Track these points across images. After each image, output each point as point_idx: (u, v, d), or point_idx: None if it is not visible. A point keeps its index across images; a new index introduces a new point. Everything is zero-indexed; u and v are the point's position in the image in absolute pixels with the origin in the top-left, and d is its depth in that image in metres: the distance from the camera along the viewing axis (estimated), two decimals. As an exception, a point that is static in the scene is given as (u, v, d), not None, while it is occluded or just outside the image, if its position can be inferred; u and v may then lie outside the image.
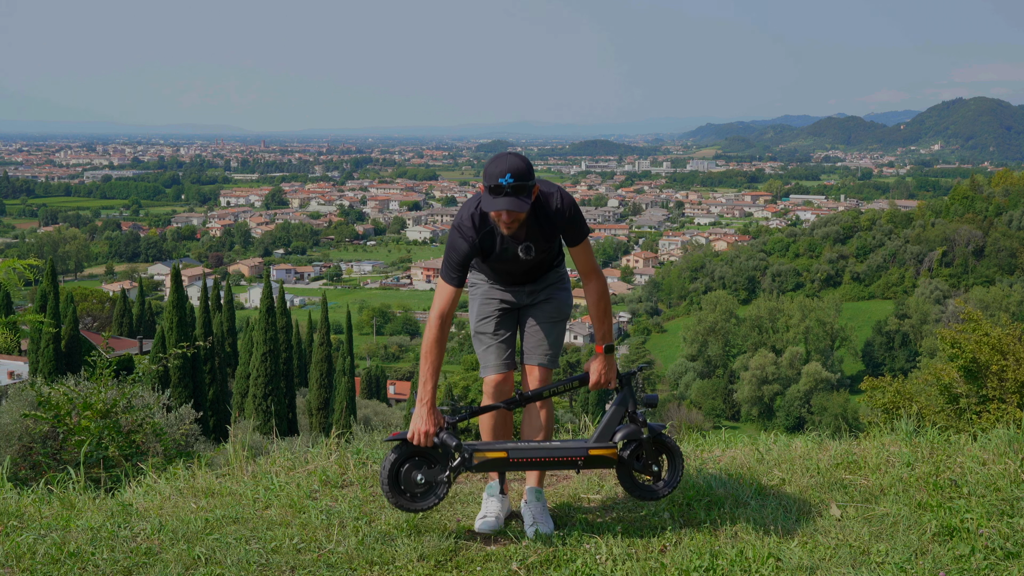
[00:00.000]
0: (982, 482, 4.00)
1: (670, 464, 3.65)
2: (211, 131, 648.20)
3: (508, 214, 3.32)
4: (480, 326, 3.70)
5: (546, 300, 3.71)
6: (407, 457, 3.45)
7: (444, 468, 3.43)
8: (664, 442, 3.63)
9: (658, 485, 3.63)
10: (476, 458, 3.43)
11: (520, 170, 3.27)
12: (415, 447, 3.43)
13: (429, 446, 3.41)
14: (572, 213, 3.47)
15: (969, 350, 7.53)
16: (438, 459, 3.45)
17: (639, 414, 3.56)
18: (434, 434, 3.39)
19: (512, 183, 3.25)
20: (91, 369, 5.59)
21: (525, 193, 3.30)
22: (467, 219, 3.43)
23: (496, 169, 3.28)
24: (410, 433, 3.40)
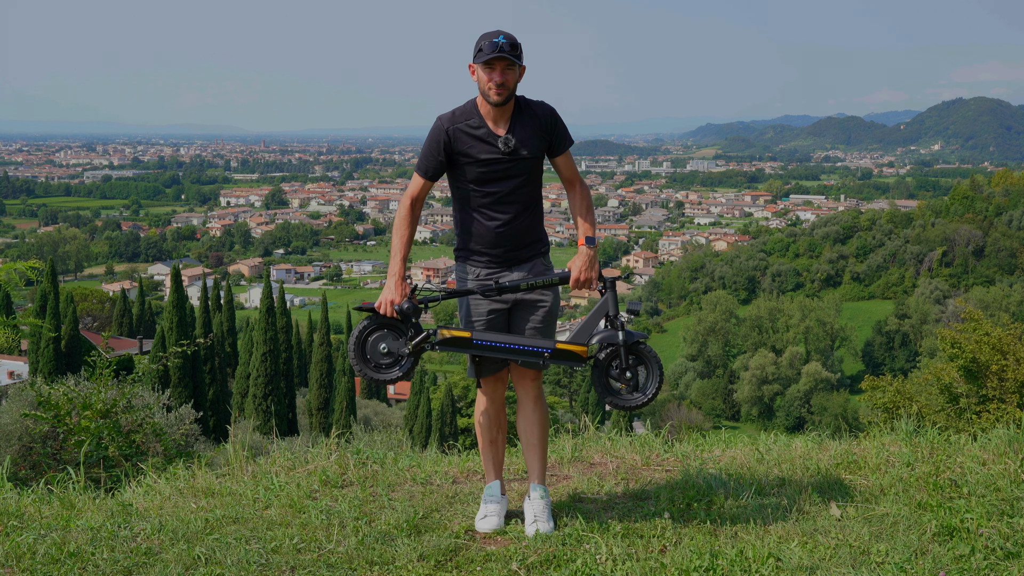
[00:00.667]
0: (982, 482, 4.00)
1: (648, 374, 3.55)
2: (211, 131, 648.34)
3: (502, 74, 3.39)
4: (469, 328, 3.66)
5: (538, 303, 3.63)
6: (376, 327, 3.48)
7: (408, 341, 3.47)
8: (642, 351, 3.54)
9: (634, 395, 3.55)
10: (440, 335, 3.45)
11: (512, 37, 3.40)
12: (384, 319, 3.47)
13: (393, 316, 3.47)
14: (554, 115, 3.55)
15: (969, 350, 7.54)
16: (404, 333, 3.49)
17: (619, 319, 3.50)
18: (398, 304, 3.47)
19: (506, 43, 3.37)
20: (91, 369, 5.59)
21: (517, 55, 3.39)
22: (447, 114, 3.53)
23: (490, 35, 3.40)
24: (378, 302, 3.50)
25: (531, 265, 3.64)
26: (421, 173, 3.60)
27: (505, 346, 3.45)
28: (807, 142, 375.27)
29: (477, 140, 3.49)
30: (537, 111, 3.54)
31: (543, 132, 3.53)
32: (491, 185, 3.53)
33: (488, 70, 3.40)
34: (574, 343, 3.47)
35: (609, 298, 3.52)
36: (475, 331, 3.48)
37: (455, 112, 3.54)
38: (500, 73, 3.39)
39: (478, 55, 3.40)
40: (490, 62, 3.38)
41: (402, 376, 3.51)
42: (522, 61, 3.43)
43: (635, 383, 3.54)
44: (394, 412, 33.87)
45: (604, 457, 4.66)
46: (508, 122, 3.50)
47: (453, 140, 3.50)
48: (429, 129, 3.59)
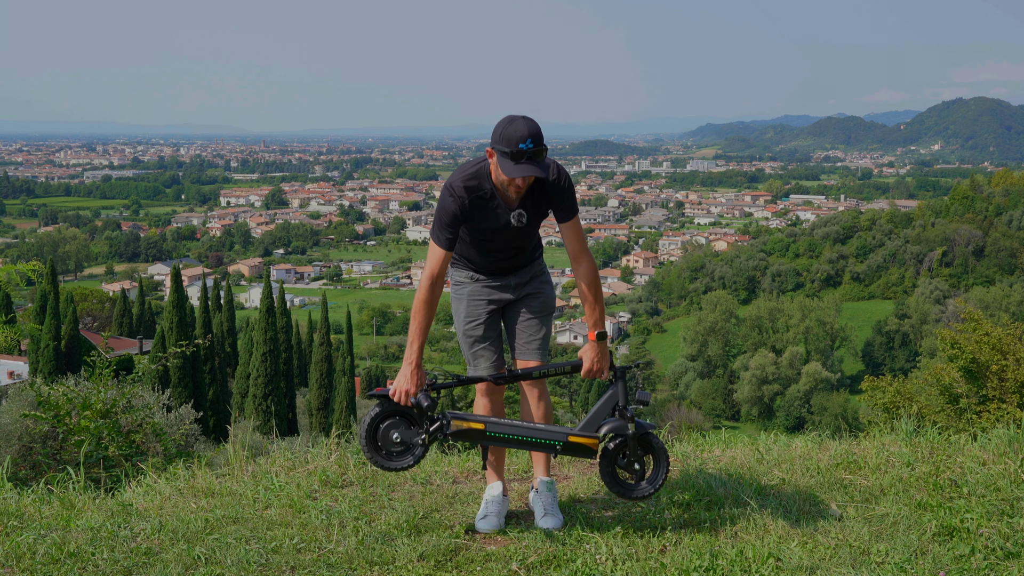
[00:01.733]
0: (982, 482, 4.00)
1: (655, 465, 3.56)
2: (211, 131, 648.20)
3: (525, 179, 3.33)
4: (469, 328, 3.67)
5: (532, 295, 3.70)
6: (388, 415, 3.44)
7: (421, 431, 3.42)
8: (651, 442, 3.55)
9: (640, 485, 3.54)
10: (454, 425, 3.42)
11: (538, 135, 3.27)
12: (396, 405, 3.43)
13: (409, 405, 3.41)
14: (566, 184, 3.46)
15: (969, 350, 7.54)
16: (418, 421, 3.45)
17: (629, 410, 3.51)
18: (415, 394, 3.39)
19: (532, 148, 3.25)
20: (91, 369, 5.59)
21: (542, 157, 3.31)
22: (460, 181, 3.41)
23: (516, 134, 3.25)
24: (392, 390, 3.40)
25: (528, 270, 3.70)
26: (441, 245, 3.41)
27: (518, 437, 3.45)
28: (807, 142, 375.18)
29: (490, 211, 3.45)
30: (547, 184, 3.44)
31: (552, 202, 3.48)
32: (494, 241, 3.55)
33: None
34: (585, 435, 3.46)
35: (619, 388, 3.52)
36: (488, 423, 3.44)
37: (466, 183, 3.41)
38: (523, 179, 3.33)
39: (502, 155, 3.28)
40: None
41: (414, 465, 3.46)
42: (546, 155, 3.33)
43: (642, 474, 3.54)
44: (394, 412, 33.85)
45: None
46: (520, 195, 3.45)
47: (466, 212, 3.42)
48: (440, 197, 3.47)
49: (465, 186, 3.40)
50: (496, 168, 3.35)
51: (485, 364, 3.67)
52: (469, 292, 3.69)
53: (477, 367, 3.68)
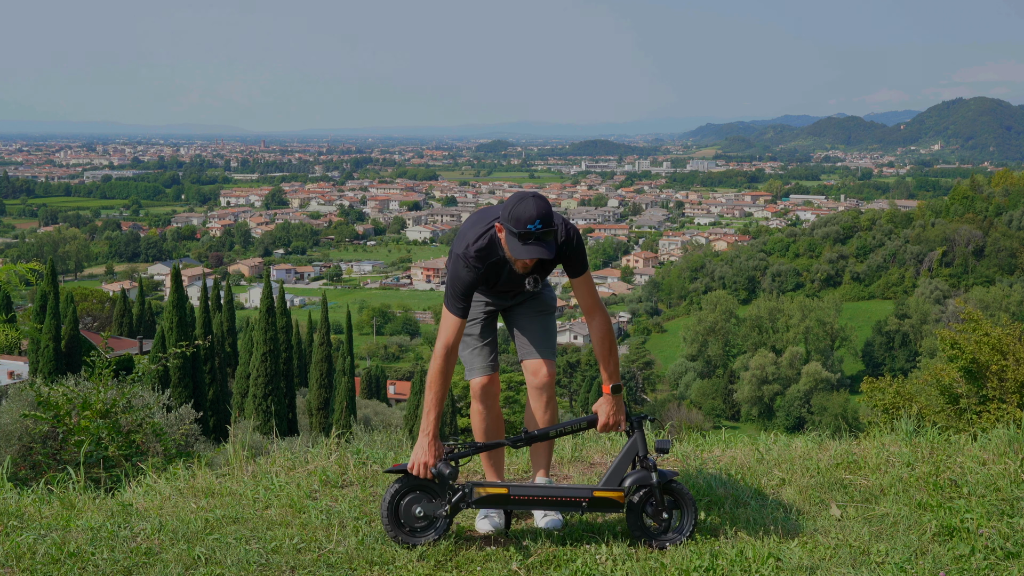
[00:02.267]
0: (982, 482, 4.00)
1: (682, 513, 3.51)
2: (211, 131, 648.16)
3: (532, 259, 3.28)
4: (467, 328, 3.67)
5: (533, 296, 3.71)
6: (408, 490, 3.41)
7: (444, 503, 3.39)
8: (676, 490, 3.50)
9: (668, 535, 3.47)
10: (476, 493, 3.39)
11: (548, 215, 3.23)
12: (416, 480, 3.40)
13: (428, 478, 3.37)
14: (576, 244, 3.44)
15: (969, 351, 7.54)
16: (439, 493, 3.40)
17: (650, 459, 3.48)
18: (433, 465, 3.36)
19: (541, 229, 3.22)
20: (91, 369, 5.59)
21: (552, 237, 3.28)
22: (473, 250, 3.37)
23: (524, 214, 3.22)
24: (411, 464, 3.38)
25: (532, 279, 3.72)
26: (456, 314, 3.38)
27: (543, 498, 3.42)
28: (807, 142, 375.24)
29: (502, 274, 3.48)
30: (558, 247, 3.39)
31: (561, 257, 3.45)
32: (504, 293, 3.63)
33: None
34: (610, 489, 3.44)
35: (637, 438, 3.50)
36: (511, 486, 3.42)
37: (479, 253, 3.37)
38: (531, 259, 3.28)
39: (510, 235, 3.26)
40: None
41: (438, 538, 3.41)
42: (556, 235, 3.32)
43: (669, 522, 3.50)
44: (394, 412, 33.87)
45: (604, 457, 4.66)
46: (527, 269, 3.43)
47: (483, 277, 3.43)
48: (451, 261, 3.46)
49: (478, 255, 3.37)
50: (505, 246, 3.34)
51: (481, 363, 3.66)
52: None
53: (473, 368, 3.66)
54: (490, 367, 3.66)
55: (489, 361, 3.67)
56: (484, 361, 3.66)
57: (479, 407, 3.67)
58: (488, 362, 3.66)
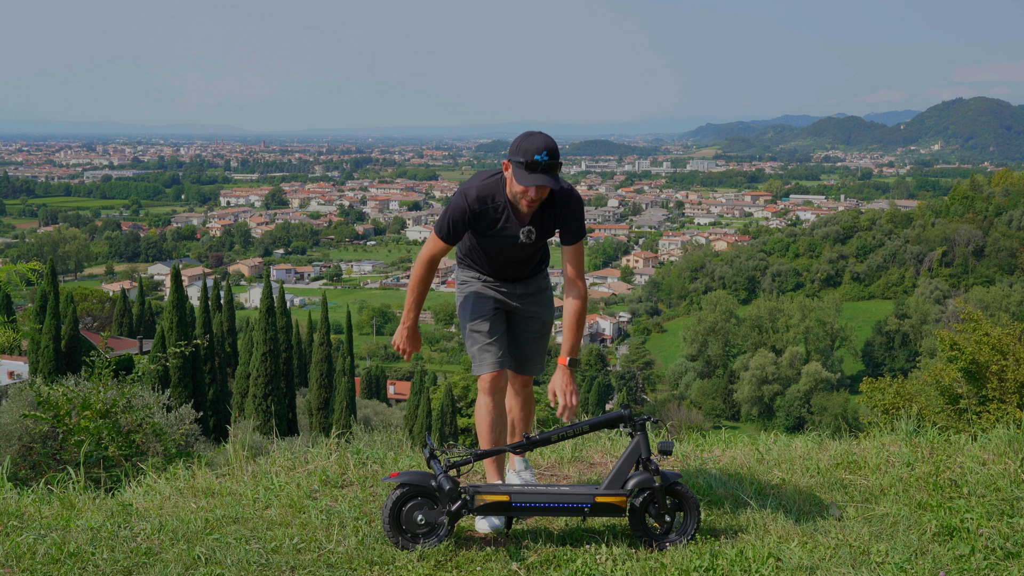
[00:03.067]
0: (982, 482, 4.00)
1: (685, 515, 3.51)
2: (211, 131, 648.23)
3: (537, 191, 3.38)
4: (475, 325, 3.70)
5: (533, 317, 3.80)
6: (409, 497, 3.43)
7: (445, 510, 3.40)
8: (679, 491, 3.51)
9: (670, 536, 3.48)
10: (477, 500, 3.41)
11: (554, 150, 3.35)
12: (417, 488, 3.42)
13: (409, 360, 3.59)
14: (577, 207, 3.54)
15: (969, 351, 7.53)
16: (440, 500, 3.42)
17: (652, 462, 3.48)
18: (411, 353, 3.68)
19: (547, 160, 3.32)
20: (91, 369, 5.59)
21: (556, 171, 3.38)
22: (474, 189, 3.50)
23: (532, 145, 3.34)
24: (393, 342, 3.71)
25: (535, 281, 3.80)
26: (441, 237, 3.55)
27: (544, 505, 3.43)
28: (807, 142, 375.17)
29: (498, 223, 3.53)
30: (560, 202, 3.52)
31: (561, 222, 3.56)
32: (504, 255, 3.65)
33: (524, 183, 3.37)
34: (613, 493, 3.44)
35: (640, 440, 3.49)
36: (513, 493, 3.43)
37: (480, 193, 3.50)
38: (536, 191, 3.39)
39: (517, 166, 3.36)
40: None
41: (439, 543, 3.43)
42: (560, 170, 3.42)
43: (672, 524, 3.50)
44: (394, 412, 33.87)
45: (604, 457, 4.66)
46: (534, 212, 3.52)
47: (476, 218, 3.52)
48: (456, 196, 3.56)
49: (478, 196, 3.49)
50: (511, 180, 3.41)
51: (490, 360, 3.68)
52: (475, 290, 3.74)
53: (482, 363, 3.69)
54: (498, 363, 3.69)
55: (498, 358, 3.69)
56: (493, 358, 3.68)
57: (487, 401, 3.70)
58: (497, 358, 3.69)
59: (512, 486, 3.50)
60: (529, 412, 3.94)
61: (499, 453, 3.65)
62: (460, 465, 3.50)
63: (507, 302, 3.76)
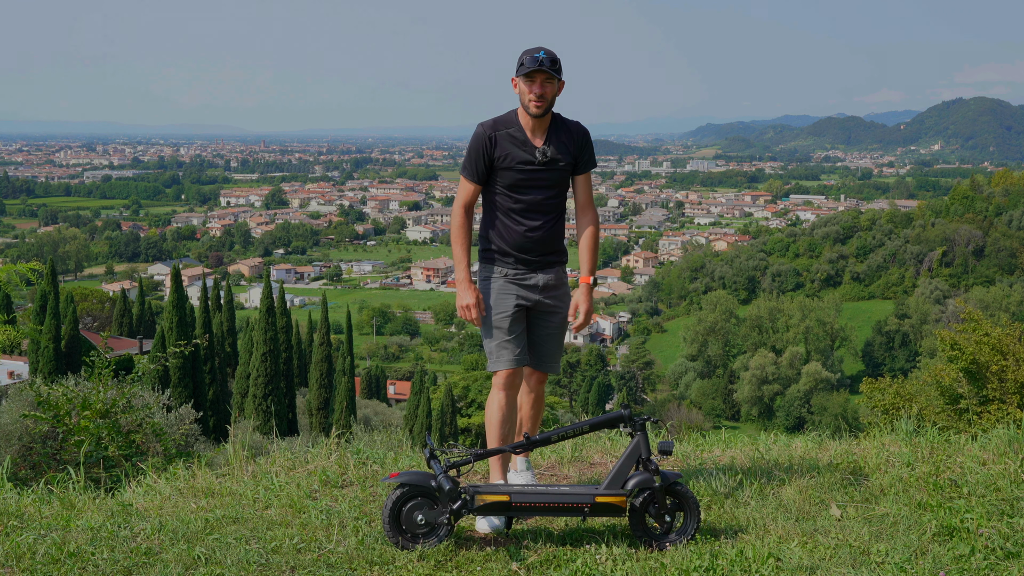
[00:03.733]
0: (982, 482, 3.99)
1: (686, 515, 3.51)
2: (211, 131, 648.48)
3: (542, 85, 3.57)
4: (497, 320, 3.76)
5: (554, 312, 3.84)
6: (409, 497, 3.43)
7: (446, 511, 3.40)
8: (679, 491, 3.50)
9: (670, 536, 3.48)
10: (477, 501, 3.41)
11: (553, 53, 3.61)
12: (417, 488, 3.43)
13: (474, 317, 3.71)
14: (587, 135, 3.78)
15: (969, 352, 7.53)
16: (440, 500, 3.42)
17: (652, 462, 3.48)
18: (475, 306, 3.72)
19: (546, 57, 3.57)
20: (91, 369, 5.59)
21: (557, 69, 3.59)
22: (490, 120, 3.74)
23: (532, 50, 3.61)
24: (459, 311, 3.78)
25: (554, 271, 3.84)
26: (469, 177, 3.75)
27: (544, 505, 3.44)
28: (807, 142, 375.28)
29: (516, 147, 3.67)
30: (572, 128, 3.75)
31: (574, 148, 3.73)
32: (525, 192, 3.71)
33: (529, 83, 3.59)
34: (613, 493, 3.44)
35: (640, 441, 3.49)
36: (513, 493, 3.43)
37: (496, 120, 3.73)
38: (540, 86, 3.58)
39: (520, 68, 3.60)
40: (531, 75, 3.58)
41: (440, 543, 3.43)
42: (561, 76, 3.63)
43: (672, 524, 3.50)
44: (394, 412, 33.86)
45: (604, 457, 4.66)
46: (545, 134, 3.69)
47: (494, 145, 3.67)
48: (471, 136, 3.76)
49: (495, 122, 3.73)
50: (520, 90, 3.64)
51: (508, 357, 3.74)
52: (498, 287, 3.79)
53: (500, 359, 3.75)
54: (516, 360, 3.76)
55: (516, 355, 3.76)
56: (511, 355, 3.75)
57: (500, 397, 3.76)
58: (515, 356, 3.75)
59: (512, 486, 3.50)
60: (539, 411, 3.98)
61: (498, 453, 3.65)
62: (460, 465, 3.51)
63: (529, 296, 3.78)
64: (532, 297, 3.78)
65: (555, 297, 3.82)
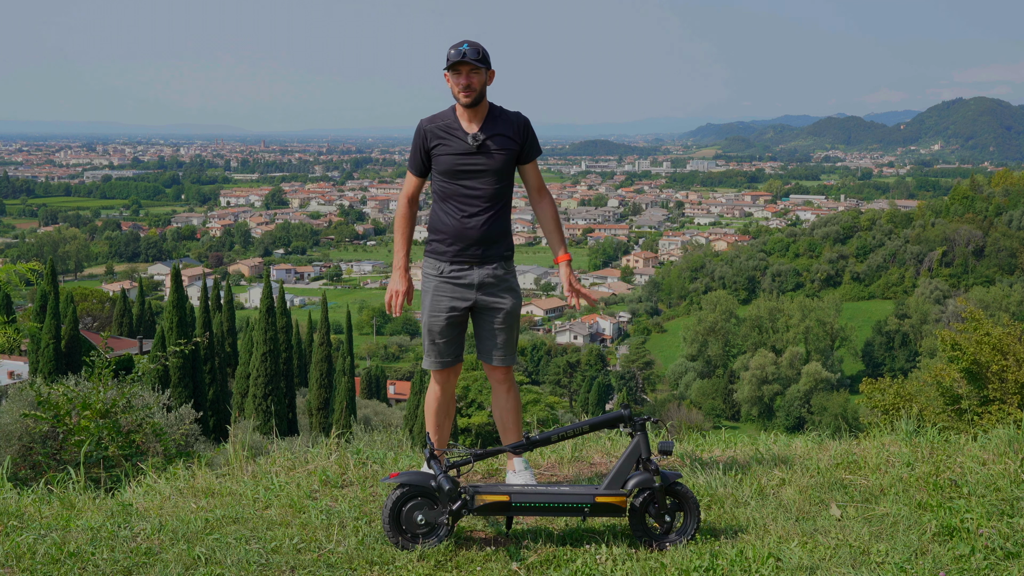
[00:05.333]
0: (982, 482, 3.99)
1: (685, 515, 3.51)
2: (211, 131, 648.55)
3: (467, 76, 3.66)
4: (428, 322, 3.88)
5: (495, 308, 3.85)
6: (409, 497, 3.43)
7: (446, 511, 3.41)
8: (679, 491, 3.50)
9: (670, 536, 3.47)
10: (477, 501, 3.41)
11: (477, 44, 3.71)
12: (417, 488, 3.43)
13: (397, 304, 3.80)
14: (527, 124, 3.83)
15: (970, 352, 7.53)
16: (440, 500, 3.42)
17: (653, 462, 3.48)
18: (403, 292, 3.83)
19: (469, 49, 3.66)
20: (91, 369, 5.58)
21: (480, 59, 3.67)
22: (427, 117, 3.86)
23: (456, 44, 3.72)
24: (387, 296, 3.88)
25: (494, 266, 3.83)
26: (410, 170, 3.92)
27: (545, 505, 3.44)
28: (807, 142, 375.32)
29: (448, 135, 3.77)
30: (511, 117, 3.82)
31: (514, 136, 3.79)
32: (459, 179, 3.77)
33: (455, 75, 3.69)
34: (612, 493, 3.44)
35: (640, 440, 3.49)
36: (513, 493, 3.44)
37: (435, 115, 3.85)
38: (465, 77, 3.68)
39: (447, 63, 3.72)
40: (456, 67, 3.68)
41: (439, 543, 3.42)
42: (488, 66, 3.71)
43: (672, 524, 3.50)
44: (394, 412, 33.85)
45: (604, 457, 4.65)
46: (480, 123, 3.77)
47: (429, 137, 3.79)
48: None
49: (431, 117, 3.86)
50: (451, 84, 3.73)
51: (434, 359, 3.90)
52: (434, 287, 3.86)
53: (428, 359, 3.93)
54: (442, 363, 3.91)
55: (443, 359, 3.90)
56: (438, 357, 3.90)
57: (435, 389, 3.99)
58: (442, 359, 3.90)
59: (512, 486, 3.50)
60: (517, 405, 4.01)
61: (498, 453, 3.66)
62: (460, 465, 3.52)
63: (465, 296, 3.82)
64: (468, 296, 3.82)
65: (495, 293, 3.83)
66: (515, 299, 3.89)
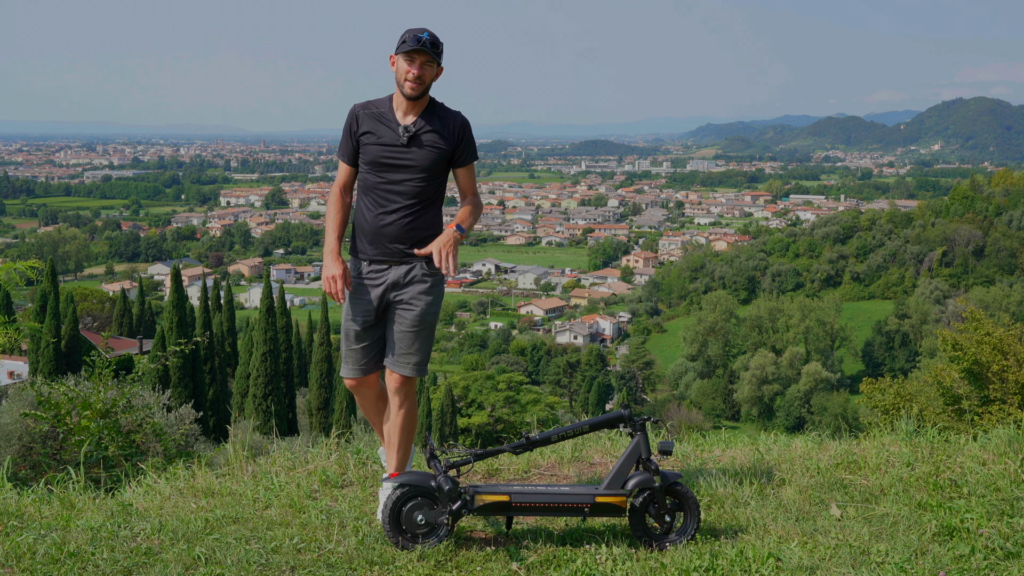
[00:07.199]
0: (982, 482, 3.99)
1: (685, 515, 3.50)
2: (211, 131, 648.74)
3: (420, 67, 3.47)
4: (346, 326, 3.69)
5: (409, 306, 3.60)
6: (408, 497, 3.43)
7: (445, 511, 3.40)
8: (679, 491, 3.50)
9: (670, 536, 3.47)
10: (477, 501, 3.40)
11: (436, 37, 3.51)
12: (417, 488, 3.42)
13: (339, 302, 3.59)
14: (465, 126, 3.62)
15: (971, 352, 7.53)
16: (440, 500, 3.41)
17: (653, 462, 3.48)
18: (340, 276, 3.54)
19: (428, 39, 3.47)
20: (91, 369, 5.58)
21: (438, 53, 3.50)
22: (362, 102, 3.65)
23: (415, 30, 3.51)
24: (323, 284, 3.57)
25: (410, 267, 3.58)
26: (341, 157, 3.69)
27: (545, 504, 3.43)
28: (807, 142, 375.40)
29: (380, 123, 3.58)
30: (448, 117, 3.61)
31: (449, 137, 3.57)
32: (385, 171, 3.56)
33: (408, 62, 3.48)
34: (613, 493, 3.44)
35: (640, 440, 3.49)
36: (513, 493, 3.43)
37: (369, 101, 3.65)
38: (419, 67, 3.48)
39: (401, 46, 3.50)
40: (411, 54, 3.47)
41: (439, 543, 3.42)
42: (441, 61, 3.53)
43: (672, 524, 3.49)
44: (394, 412, 33.78)
45: (604, 457, 4.65)
46: (416, 117, 3.57)
47: (360, 123, 3.60)
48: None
49: (365, 103, 3.65)
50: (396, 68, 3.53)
51: (351, 366, 3.70)
52: (354, 287, 3.65)
53: (344, 366, 3.72)
54: (360, 370, 3.70)
55: (360, 365, 3.69)
56: (354, 364, 3.70)
57: (357, 397, 3.82)
58: (359, 366, 3.69)
59: (512, 486, 3.50)
60: (408, 424, 3.71)
61: (497, 454, 3.64)
62: (460, 465, 3.52)
63: (380, 296, 3.60)
64: (384, 297, 3.61)
65: (407, 292, 3.58)
66: (431, 303, 3.61)
